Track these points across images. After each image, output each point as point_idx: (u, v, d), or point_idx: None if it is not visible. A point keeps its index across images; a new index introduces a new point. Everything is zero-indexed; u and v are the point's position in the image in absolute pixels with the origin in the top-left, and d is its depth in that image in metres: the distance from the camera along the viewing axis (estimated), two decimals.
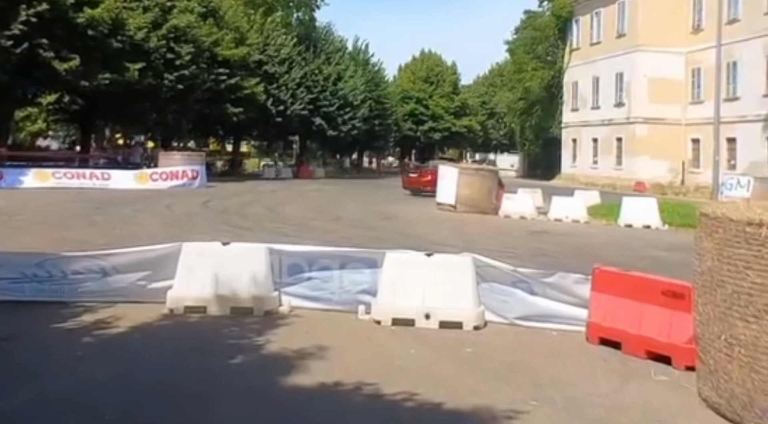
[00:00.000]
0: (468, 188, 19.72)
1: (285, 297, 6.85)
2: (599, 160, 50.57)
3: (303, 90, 42.45)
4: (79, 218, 14.56)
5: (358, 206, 21.13)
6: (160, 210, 17.51)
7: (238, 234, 12.77)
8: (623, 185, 43.93)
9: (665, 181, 43.60)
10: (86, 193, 22.11)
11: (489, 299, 6.43)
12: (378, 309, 6.42)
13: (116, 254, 7.01)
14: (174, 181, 26.93)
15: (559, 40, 57.58)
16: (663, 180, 43.72)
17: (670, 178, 44.32)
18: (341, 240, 12.18)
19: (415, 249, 11.50)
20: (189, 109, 32.78)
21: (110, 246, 10.70)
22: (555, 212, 18.33)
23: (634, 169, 45.71)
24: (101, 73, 26.22)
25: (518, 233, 14.96)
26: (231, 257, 6.77)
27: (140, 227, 13.38)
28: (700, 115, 43.88)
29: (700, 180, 42.38)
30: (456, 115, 75.65)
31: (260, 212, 17.96)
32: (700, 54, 44.03)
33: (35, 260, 6.95)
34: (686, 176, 44.70)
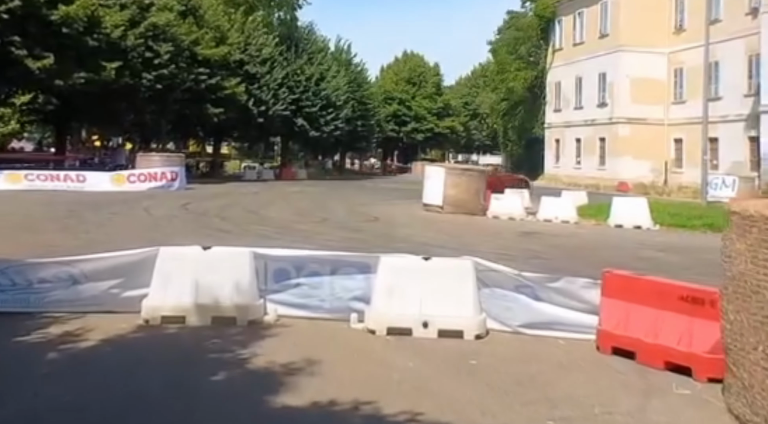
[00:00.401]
0: (455, 189, 19.33)
1: (271, 305, 6.35)
2: (582, 161, 50.54)
3: (285, 90, 41.84)
4: (51, 222, 13.92)
5: (343, 208, 20.64)
6: (138, 213, 16.89)
7: (220, 238, 12.22)
8: (606, 185, 43.92)
9: (648, 181, 43.66)
10: (60, 196, 21.37)
11: (490, 306, 5.99)
12: (372, 317, 5.95)
13: (87, 260, 6.46)
14: (152, 183, 26.24)
15: (542, 40, 57.57)
16: (645, 180, 43.78)
17: (652, 178, 44.39)
18: (327, 243, 11.71)
19: (404, 252, 11.07)
20: (168, 110, 32.05)
21: (82, 251, 10.12)
22: (544, 213, 18.00)
23: (617, 169, 45.73)
24: (76, 72, 25.43)
25: (509, 235, 14.57)
26: (212, 263, 6.26)
27: (115, 231, 12.78)
28: (682, 115, 44.03)
29: (682, 180, 42.48)
30: (439, 116, 75.48)
31: (242, 214, 17.40)
32: (683, 54, 44.17)
33: None
34: (669, 176, 44.81)
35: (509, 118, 64.43)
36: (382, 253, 9.73)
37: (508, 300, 6.00)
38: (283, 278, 6.40)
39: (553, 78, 55.13)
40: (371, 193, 29.69)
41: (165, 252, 6.30)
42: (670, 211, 18.48)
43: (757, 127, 38.57)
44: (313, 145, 51.30)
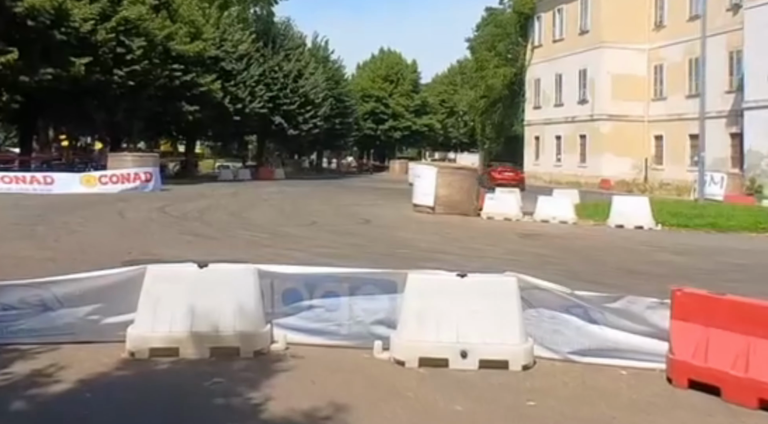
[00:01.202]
0: (447, 188, 18.52)
1: (279, 331, 5.44)
2: (563, 158, 50.22)
3: (262, 87, 40.64)
4: (16, 229, 12.76)
5: (329, 209, 19.71)
6: (111, 217, 15.76)
7: (204, 245, 11.23)
8: (588, 183, 43.62)
9: (629, 179, 43.48)
10: (26, 199, 20.08)
11: (536, 330, 5.15)
12: (401, 346, 5.07)
13: (60, 281, 5.47)
14: (125, 184, 24.99)
15: (521, 37, 57.17)
16: (627, 177, 43.60)
17: (633, 175, 44.23)
18: (323, 249, 10.81)
19: (409, 259, 10.21)
20: (141, 108, 30.70)
21: (52, 263, 9.10)
22: (541, 213, 17.29)
23: (599, 166, 45.49)
24: (43, 68, 24.06)
25: (509, 237, 13.80)
26: (210, 283, 5.32)
27: (88, 239, 11.69)
28: (662, 111, 43.95)
29: (663, 177, 42.36)
30: (416, 113, 74.79)
31: (224, 217, 16.37)
32: (663, 50, 44.08)
33: None
34: (649, 173, 44.67)
35: (488, 116, 63.99)
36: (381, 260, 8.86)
37: (556, 323, 5.17)
38: (294, 300, 5.48)
39: (533, 75, 54.75)
40: (354, 193, 28.76)
41: (154, 271, 5.34)
42: (668, 210, 17.91)
43: (738, 123, 38.53)
44: (290, 144, 50.11)
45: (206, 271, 5.37)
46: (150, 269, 5.35)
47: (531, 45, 55.27)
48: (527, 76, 55.88)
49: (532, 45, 55.15)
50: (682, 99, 42.37)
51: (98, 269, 8.77)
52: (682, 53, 42.66)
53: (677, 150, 43.18)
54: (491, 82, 58.82)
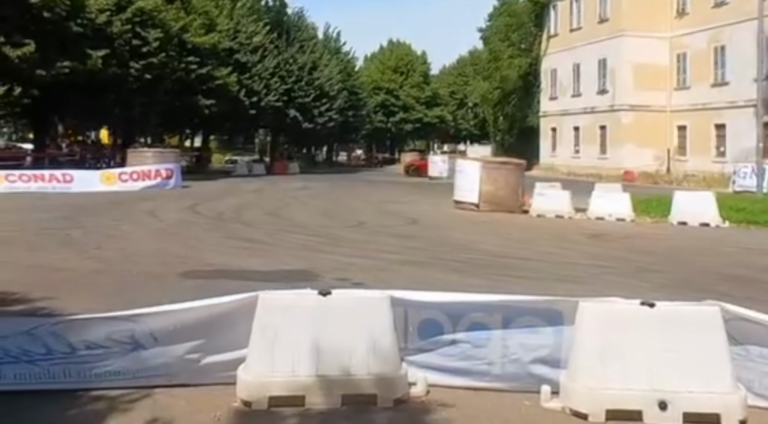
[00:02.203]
0: (492, 184, 17.55)
1: (416, 371, 4.49)
2: (581, 150, 49.18)
3: (276, 80, 39.68)
4: (49, 234, 11.82)
5: (366, 207, 18.75)
6: (144, 218, 14.82)
7: (260, 252, 10.28)
8: (609, 175, 42.53)
9: (651, 170, 42.44)
10: (48, 199, 19.15)
11: (744, 372, 4.21)
12: (578, 393, 4.13)
13: (154, 314, 4.52)
14: (146, 181, 24.06)
15: (536, 26, 55.99)
16: (649, 169, 42.53)
17: (656, 167, 43.17)
18: (390, 255, 9.88)
19: (489, 267, 9.26)
20: (157, 102, 29.74)
21: (104, 276, 8.17)
22: (595, 210, 16.30)
23: (620, 158, 44.43)
24: (59, 61, 23.08)
25: (576, 237, 12.84)
26: (336, 315, 4.37)
27: (131, 244, 10.75)
28: (686, 101, 42.84)
29: (687, 168, 41.30)
30: (427, 105, 73.68)
31: (263, 218, 15.42)
32: (686, 38, 42.93)
33: (23, 326, 4.44)
34: (672, 164, 43.63)
35: (501, 107, 62.87)
36: (464, 268, 7.91)
37: None
38: (433, 333, 4.53)
39: (549, 65, 53.63)
40: (378, 188, 27.81)
41: (268, 301, 4.39)
42: (729, 205, 16.88)
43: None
44: (304, 138, 49.07)
45: (330, 299, 4.42)
46: (263, 298, 4.40)
47: (546, 34, 54.13)
48: (543, 67, 54.76)
49: (547, 34, 54.01)
50: (707, 88, 41.28)
51: (158, 281, 7.88)
52: (707, 41, 41.53)
53: (702, 141, 42.09)
54: (506, 73, 57.63)
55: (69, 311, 6.36)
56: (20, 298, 6.93)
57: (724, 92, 39.82)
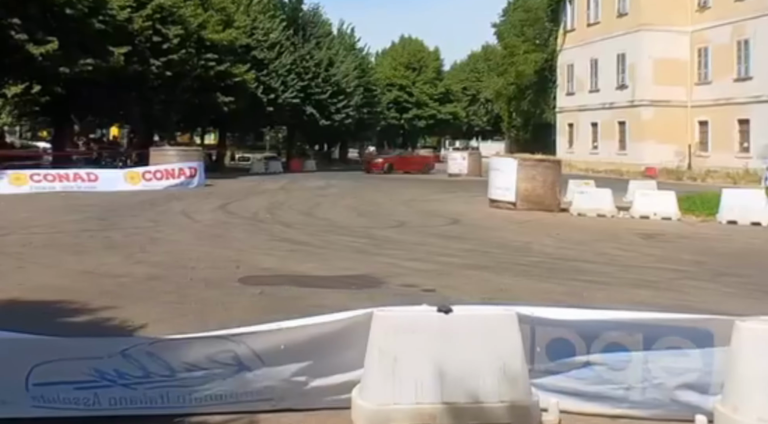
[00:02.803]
0: (530, 182, 17.10)
1: (547, 396, 4.08)
2: (600, 146, 48.63)
3: (294, 77, 39.24)
4: (89, 236, 11.47)
5: (399, 206, 18.34)
6: (179, 219, 14.46)
7: (310, 255, 9.89)
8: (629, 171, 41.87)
9: (672, 166, 41.82)
10: (76, 199, 18.82)
11: None
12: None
13: (258, 332, 4.11)
14: (170, 180, 23.71)
15: (551, 21, 55.41)
16: (670, 165, 41.90)
17: (676, 163, 42.56)
18: (447, 258, 9.48)
19: (554, 270, 8.83)
20: (177, 99, 29.36)
21: (160, 283, 7.78)
22: (639, 208, 15.83)
23: (640, 154, 43.82)
24: (82, 59, 22.73)
25: (630, 238, 12.38)
26: (459, 335, 3.95)
27: (176, 247, 10.37)
28: (707, 96, 42.21)
29: (709, 164, 40.66)
30: (440, 101, 73.11)
31: (300, 218, 15.03)
32: (708, 32, 42.29)
33: (117, 346, 4.05)
34: (693, 160, 43.02)
35: (516, 103, 62.33)
36: (534, 272, 7.48)
37: None
38: (564, 354, 4.12)
39: (565, 60, 53.06)
40: (402, 186, 27.35)
41: (384, 320, 3.98)
42: None
43: None
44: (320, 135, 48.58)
45: (452, 317, 4.01)
46: (378, 317, 3.99)
47: (563, 29, 53.54)
48: (559, 62, 54.19)
49: (563, 29, 53.42)
50: (730, 83, 40.66)
51: (219, 288, 7.49)
52: (730, 35, 40.90)
53: (724, 136, 41.47)
54: (521, 69, 57.05)
55: (137, 321, 6.00)
56: (81, 307, 6.57)
57: (748, 87, 39.18)
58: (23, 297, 6.94)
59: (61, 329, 5.76)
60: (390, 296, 7.10)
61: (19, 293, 7.09)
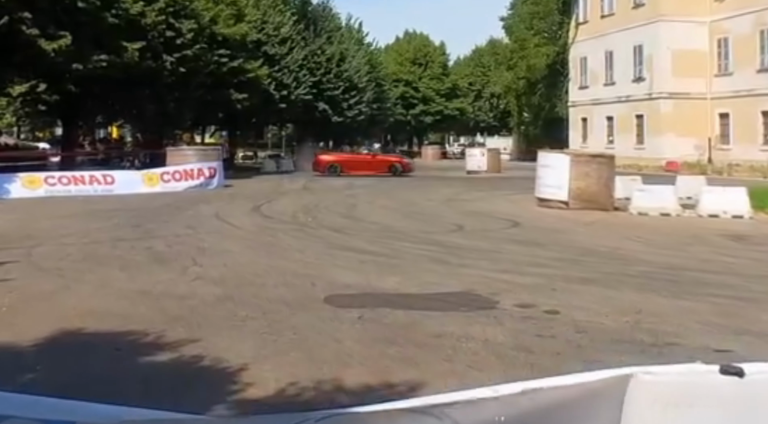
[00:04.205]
0: (584, 180, 16.02)
1: None
2: (615, 140, 47.52)
3: (305, 73, 38.09)
4: (128, 246, 10.35)
5: (441, 206, 17.26)
6: (216, 224, 13.34)
7: (382, 266, 8.78)
8: (648, 166, 40.87)
9: (692, 160, 40.80)
10: (95, 203, 17.68)
11: None
12: None
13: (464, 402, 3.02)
14: (189, 181, 22.57)
15: (563, 14, 54.31)
16: (690, 158, 40.86)
17: (696, 156, 41.53)
18: (542, 269, 8.40)
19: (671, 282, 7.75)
20: (191, 97, 28.19)
21: (236, 306, 6.66)
22: (707, 206, 14.78)
23: (659, 148, 42.77)
24: (96, 55, 21.55)
25: (717, 240, 11.32)
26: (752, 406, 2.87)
27: (230, 259, 9.25)
28: (728, 88, 41.15)
29: (731, 157, 39.64)
30: (447, 97, 71.96)
31: (343, 222, 13.93)
32: (728, 22, 41.25)
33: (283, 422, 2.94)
34: (713, 153, 42.00)
35: (527, 98, 61.24)
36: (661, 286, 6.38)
37: None
38: None
39: (578, 53, 51.96)
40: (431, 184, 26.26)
41: (651, 386, 2.88)
42: None
43: None
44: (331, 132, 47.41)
45: (748, 382, 2.91)
46: (643, 382, 2.89)
47: (575, 22, 52.44)
48: (571, 55, 53.07)
49: (576, 22, 52.33)
50: (752, 74, 39.59)
51: (307, 312, 6.35)
52: (751, 25, 39.86)
53: (747, 128, 40.44)
54: (533, 62, 55.89)
55: (233, 361, 4.89)
56: (156, 341, 5.46)
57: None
58: (85, 327, 5.84)
59: (151, 373, 4.66)
60: (515, 320, 6.02)
61: (80, 321, 5.99)
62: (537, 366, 4.80)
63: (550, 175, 16.53)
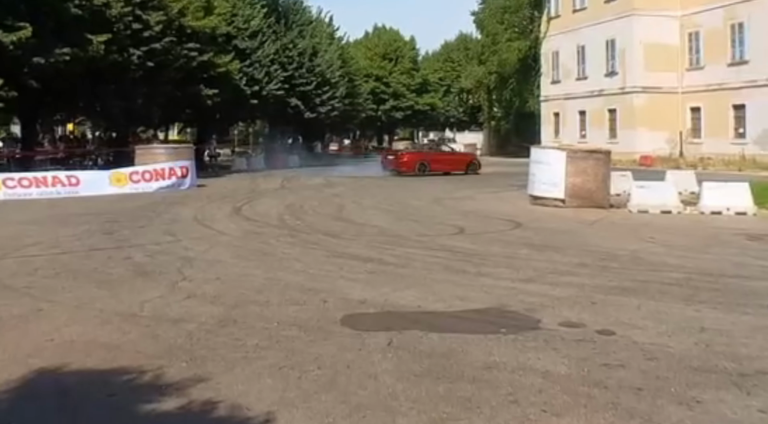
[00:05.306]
0: (581, 176, 15.41)
1: None
2: (588, 135, 47.51)
3: (277, 67, 36.86)
4: (105, 256, 9.30)
5: (434, 206, 16.47)
6: (198, 229, 12.32)
7: (389, 276, 7.96)
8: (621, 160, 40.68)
9: (665, 153, 40.95)
10: (61, 206, 16.44)
11: None
12: None
13: None
14: (160, 181, 21.37)
15: (535, 8, 54.08)
16: (662, 152, 41.03)
17: (668, 150, 41.71)
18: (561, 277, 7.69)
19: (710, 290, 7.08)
20: (159, 92, 26.86)
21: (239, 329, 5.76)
22: (709, 203, 14.29)
23: (631, 142, 42.87)
24: (58, 48, 20.17)
25: (736, 240, 10.75)
26: None
27: (223, 271, 8.29)
28: (699, 82, 41.42)
29: (702, 150, 39.87)
30: (418, 92, 71.24)
31: (336, 224, 13.04)
32: (699, 17, 41.49)
33: None
34: (684, 147, 42.21)
35: (498, 93, 60.96)
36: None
37: None
38: None
39: (550, 48, 51.86)
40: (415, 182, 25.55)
41: None
42: None
43: None
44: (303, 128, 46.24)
45: None
46: None
47: (547, 16, 52.32)
48: (543, 50, 52.96)
49: (548, 16, 52.22)
50: (723, 68, 39.88)
51: (326, 339, 5.39)
52: (722, 19, 40.12)
53: (718, 122, 40.76)
54: (505, 57, 55.53)
55: (254, 407, 4.03)
56: (156, 381, 4.55)
57: (743, 71, 38.44)
58: (67, 363, 4.88)
59: None
60: (569, 345, 5.26)
61: (58, 356, 5.02)
62: (622, 407, 4.03)
63: (544, 172, 15.89)
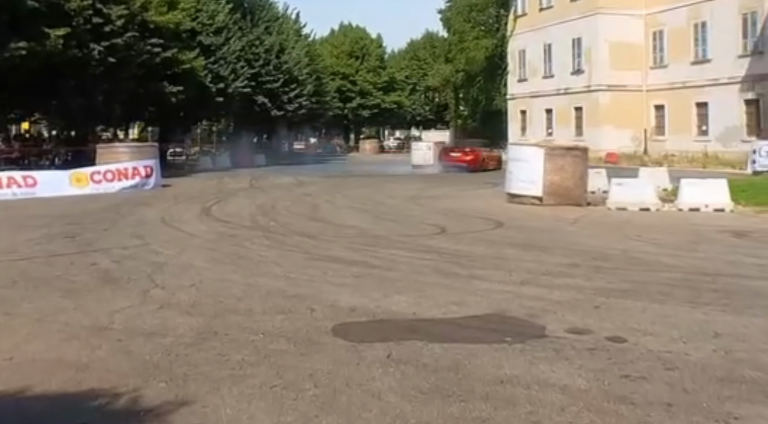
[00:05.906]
0: (558, 174, 15.22)
1: None
2: (555, 132, 47.81)
3: (244, 64, 36.10)
4: (67, 262, 8.66)
5: (410, 205, 16.09)
6: (166, 231, 11.69)
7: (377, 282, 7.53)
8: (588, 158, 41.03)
9: (630, 151, 41.46)
10: (17, 209, 15.58)
11: None
12: None
13: None
14: (123, 181, 20.55)
15: (501, 6, 54.23)
16: (627, 150, 41.54)
17: (633, 148, 42.25)
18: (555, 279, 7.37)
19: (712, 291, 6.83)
20: (121, 89, 25.90)
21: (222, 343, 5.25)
22: (687, 199, 14.23)
23: (597, 139, 43.18)
24: (14, 42, 19.19)
25: (721, 237, 10.61)
26: None
27: (198, 277, 7.73)
28: (663, 80, 42.01)
29: (666, 148, 40.43)
30: (384, 90, 70.88)
31: (312, 225, 12.55)
32: (662, 16, 42.08)
33: None
34: (649, 145, 42.78)
35: (465, 91, 60.99)
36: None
37: None
38: None
39: (516, 46, 52.07)
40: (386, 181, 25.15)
41: None
42: None
43: (754, 89, 36.87)
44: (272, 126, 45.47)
45: None
46: None
47: (514, 14, 52.50)
48: (510, 48, 53.13)
49: (514, 14, 52.41)
50: (686, 66, 40.51)
51: (320, 352, 4.90)
52: (686, 18, 40.74)
53: (681, 120, 41.38)
54: (472, 55, 55.54)
55: None
56: (135, 406, 4.04)
57: (706, 70, 39.07)
58: (28, 386, 4.32)
59: None
60: (582, 354, 4.90)
61: (19, 378, 4.45)
62: None
63: (522, 170, 15.65)
